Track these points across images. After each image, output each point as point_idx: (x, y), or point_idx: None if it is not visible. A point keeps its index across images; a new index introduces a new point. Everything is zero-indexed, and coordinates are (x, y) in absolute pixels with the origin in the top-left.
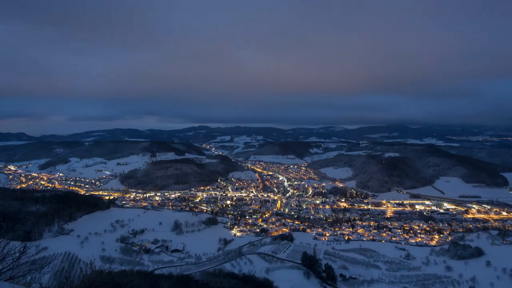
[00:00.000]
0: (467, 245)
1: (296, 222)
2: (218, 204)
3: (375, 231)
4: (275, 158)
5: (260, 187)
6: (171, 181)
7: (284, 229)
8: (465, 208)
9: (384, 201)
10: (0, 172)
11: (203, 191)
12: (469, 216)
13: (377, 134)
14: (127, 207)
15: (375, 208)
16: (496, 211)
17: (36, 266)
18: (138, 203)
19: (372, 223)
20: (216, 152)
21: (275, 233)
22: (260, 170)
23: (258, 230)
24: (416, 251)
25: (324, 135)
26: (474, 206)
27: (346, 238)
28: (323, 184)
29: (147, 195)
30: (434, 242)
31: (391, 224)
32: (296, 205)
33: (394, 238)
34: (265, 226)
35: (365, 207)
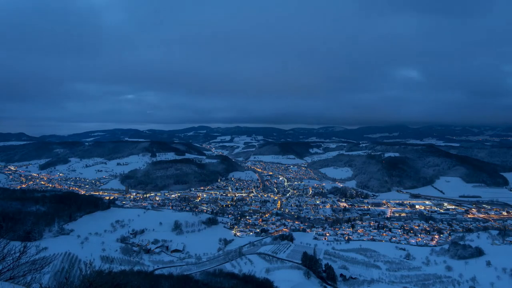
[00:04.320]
0: (467, 245)
1: (296, 222)
2: (218, 204)
3: (375, 231)
4: (275, 158)
5: (260, 187)
6: (171, 181)
7: (284, 229)
8: (465, 208)
9: (384, 201)
10: (0, 172)
11: (203, 191)
12: (469, 216)
13: (377, 134)
14: (127, 207)
15: (375, 208)
16: (496, 211)
17: (36, 266)
18: (138, 203)
19: (372, 223)
20: (216, 152)
21: (275, 233)
22: (260, 170)
23: (258, 230)
24: (416, 251)
25: (324, 135)
26: (474, 206)
27: (346, 238)
28: (323, 184)
29: (147, 195)
30: (434, 242)
31: (391, 224)
32: (296, 205)
33: (394, 238)
34: (265, 226)
35: (365, 207)
